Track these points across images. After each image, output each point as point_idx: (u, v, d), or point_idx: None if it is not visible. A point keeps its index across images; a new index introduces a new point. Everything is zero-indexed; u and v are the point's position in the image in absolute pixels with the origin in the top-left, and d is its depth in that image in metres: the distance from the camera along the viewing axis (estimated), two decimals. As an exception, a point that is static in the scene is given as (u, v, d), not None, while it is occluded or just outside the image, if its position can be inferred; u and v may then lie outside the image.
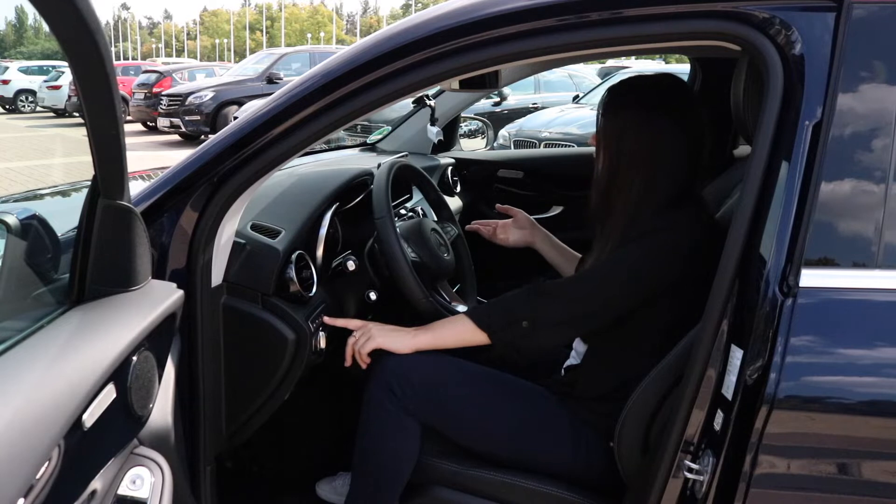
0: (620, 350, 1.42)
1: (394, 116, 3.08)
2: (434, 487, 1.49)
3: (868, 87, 1.04)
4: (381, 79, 1.20)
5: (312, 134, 1.24)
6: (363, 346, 1.47)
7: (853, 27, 1.03)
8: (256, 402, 1.47)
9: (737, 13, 1.09)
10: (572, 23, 1.14)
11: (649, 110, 1.38)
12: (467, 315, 1.45)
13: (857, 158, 1.03)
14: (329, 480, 1.81)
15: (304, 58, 12.71)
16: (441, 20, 1.18)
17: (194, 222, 1.27)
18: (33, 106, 19.37)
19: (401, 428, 1.46)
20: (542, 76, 10.55)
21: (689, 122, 1.38)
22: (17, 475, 0.65)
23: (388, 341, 1.46)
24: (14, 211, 0.99)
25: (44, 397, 0.72)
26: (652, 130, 1.38)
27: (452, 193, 2.67)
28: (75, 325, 0.89)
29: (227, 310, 1.38)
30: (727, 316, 1.09)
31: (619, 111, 1.41)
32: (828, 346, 1.05)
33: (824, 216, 1.03)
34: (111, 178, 0.91)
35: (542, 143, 7.57)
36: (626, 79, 1.46)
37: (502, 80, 1.82)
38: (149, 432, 1.04)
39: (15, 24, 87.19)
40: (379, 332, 1.47)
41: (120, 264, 0.96)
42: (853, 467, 1.07)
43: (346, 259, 1.70)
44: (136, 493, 0.99)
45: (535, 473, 1.44)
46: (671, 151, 1.38)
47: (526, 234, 1.87)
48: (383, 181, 1.68)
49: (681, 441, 1.14)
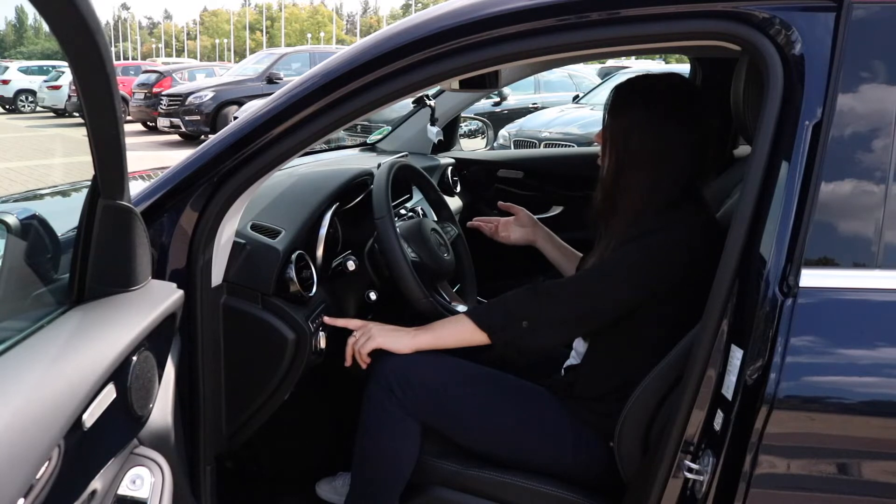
0: (620, 350, 1.42)
1: (394, 116, 3.09)
2: (434, 487, 1.49)
3: (868, 87, 1.04)
4: (381, 79, 1.20)
5: (312, 134, 1.24)
6: (363, 345, 1.47)
7: (853, 27, 1.03)
8: (256, 402, 1.47)
9: (737, 13, 1.09)
10: (572, 23, 1.14)
11: (655, 110, 1.38)
12: (467, 315, 1.45)
13: (856, 158, 1.03)
14: (329, 480, 1.81)
15: (304, 58, 12.71)
16: (441, 20, 1.18)
17: (194, 222, 1.27)
18: (33, 106, 19.37)
19: (401, 428, 1.46)
20: (542, 76, 10.54)
21: (694, 121, 1.38)
22: (17, 475, 0.65)
23: (388, 341, 1.46)
24: (14, 211, 0.99)
25: (44, 397, 0.72)
26: (658, 130, 1.37)
27: (452, 193, 2.67)
28: (75, 325, 0.89)
29: (227, 310, 1.38)
30: (727, 316, 1.09)
31: (625, 110, 1.41)
32: (828, 346, 1.05)
33: (824, 216, 1.03)
34: (111, 178, 0.91)
35: (542, 143, 7.56)
36: (632, 78, 1.45)
37: (502, 80, 1.82)
38: (149, 432, 1.04)
39: (15, 24, 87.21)
40: (379, 332, 1.47)
41: (120, 264, 0.96)
42: (853, 467, 1.07)
43: (346, 259, 1.70)
44: (136, 493, 0.99)
45: (535, 473, 1.44)
46: (677, 151, 1.38)
47: (528, 233, 1.87)
48: (383, 181, 1.68)
49: (681, 441, 1.14)
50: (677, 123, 1.37)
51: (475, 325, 1.42)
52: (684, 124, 1.37)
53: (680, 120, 1.37)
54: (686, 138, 1.37)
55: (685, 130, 1.37)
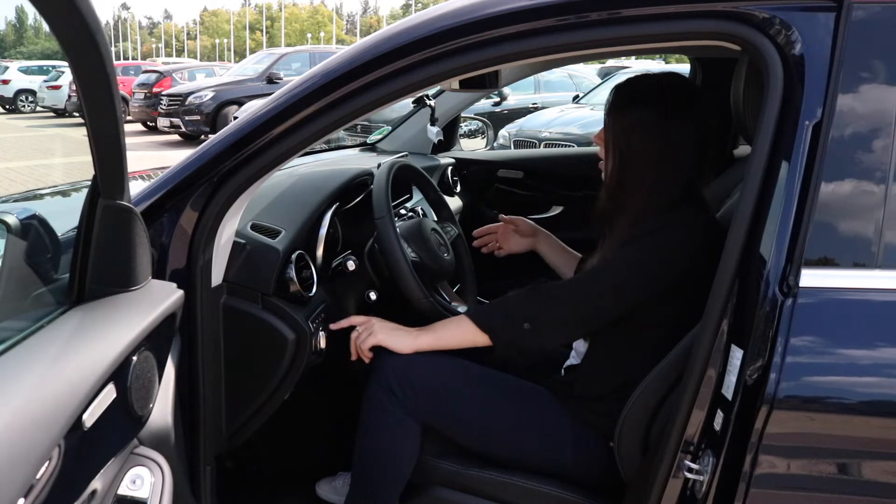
0: (621, 350, 1.42)
1: (394, 116, 3.08)
2: (434, 487, 1.49)
3: (868, 87, 1.04)
4: (381, 79, 1.20)
5: (312, 134, 1.24)
6: (364, 340, 1.47)
7: (853, 27, 1.03)
8: (256, 402, 1.47)
9: (737, 13, 1.09)
10: (572, 23, 1.14)
11: (657, 110, 1.37)
12: (468, 316, 1.45)
13: (857, 158, 1.03)
14: (329, 480, 1.81)
15: (304, 58, 12.71)
16: (441, 20, 1.18)
17: (194, 222, 1.27)
18: (33, 106, 19.38)
19: (401, 428, 1.46)
20: (542, 76, 10.54)
21: (695, 121, 1.38)
22: (17, 475, 0.65)
23: (389, 339, 1.47)
24: (14, 211, 0.99)
25: (44, 397, 0.72)
26: (659, 130, 1.37)
27: (452, 193, 2.67)
28: (75, 325, 0.89)
29: (227, 310, 1.38)
30: (727, 316, 1.09)
31: (626, 110, 1.40)
32: (828, 346, 1.05)
33: (824, 216, 1.03)
34: (111, 178, 0.91)
35: (542, 143, 7.56)
36: (632, 78, 1.45)
37: (502, 80, 1.82)
38: (149, 432, 1.04)
39: (15, 24, 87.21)
40: (381, 329, 1.48)
41: (120, 264, 0.96)
42: (853, 467, 1.07)
43: (346, 259, 1.70)
44: (136, 493, 0.99)
45: (535, 473, 1.44)
46: (678, 151, 1.37)
47: (529, 242, 1.86)
48: (383, 181, 1.68)
49: (681, 441, 1.14)
50: (678, 123, 1.37)
51: (476, 326, 1.42)
52: (685, 124, 1.37)
53: (681, 120, 1.37)
54: (687, 138, 1.37)
55: (686, 130, 1.37)
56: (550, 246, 1.85)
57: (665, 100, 1.39)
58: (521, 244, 1.87)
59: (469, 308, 1.52)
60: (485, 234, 1.92)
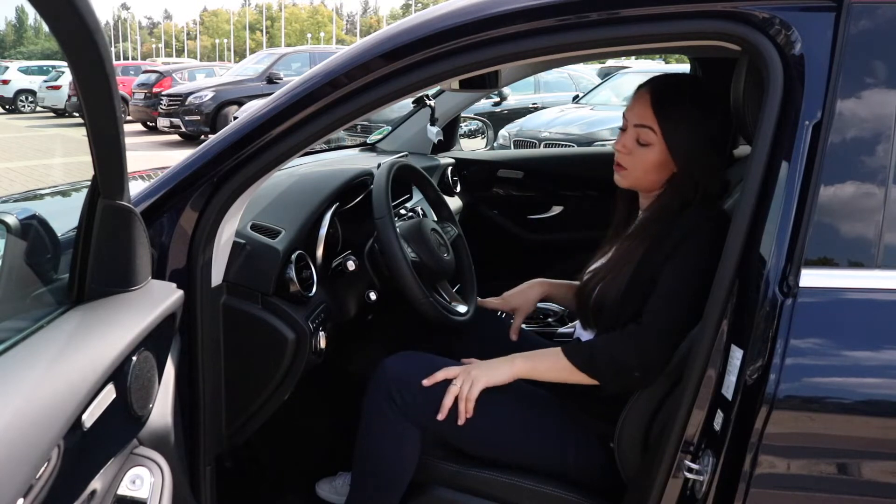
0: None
1: (394, 116, 3.08)
2: (435, 487, 1.49)
3: (868, 87, 1.04)
4: (381, 79, 1.20)
5: (312, 134, 1.24)
6: (470, 392, 1.40)
7: (853, 27, 1.03)
8: (256, 402, 1.47)
9: (737, 13, 1.09)
10: (572, 23, 1.14)
11: (703, 108, 1.39)
12: (566, 355, 1.39)
13: (856, 158, 1.03)
14: (329, 480, 1.81)
15: (304, 58, 12.70)
16: (441, 20, 1.18)
17: (194, 222, 1.27)
18: (33, 106, 19.37)
19: (401, 435, 1.45)
20: (542, 76, 10.54)
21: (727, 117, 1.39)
22: (16, 475, 0.65)
23: (490, 378, 1.40)
24: (14, 211, 0.99)
25: (44, 397, 0.72)
26: (703, 128, 1.38)
27: (452, 193, 2.67)
28: (75, 325, 0.89)
29: (227, 310, 1.38)
30: (727, 316, 1.09)
31: (673, 109, 1.39)
32: (828, 346, 1.05)
33: (824, 216, 1.03)
34: (111, 178, 0.91)
35: (542, 143, 7.56)
36: (672, 75, 1.46)
37: (502, 80, 1.83)
38: (149, 432, 1.04)
39: (15, 24, 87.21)
40: (480, 373, 1.41)
41: (120, 264, 0.96)
42: (853, 467, 1.07)
43: (346, 259, 1.70)
44: (135, 493, 0.99)
45: (535, 473, 1.44)
46: (715, 148, 1.40)
47: (534, 298, 1.75)
48: (383, 181, 1.68)
49: (681, 441, 1.14)
50: (718, 121, 1.39)
51: (573, 365, 1.37)
52: (722, 121, 1.39)
53: (721, 116, 1.39)
54: (720, 135, 1.40)
55: (722, 126, 1.39)
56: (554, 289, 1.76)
57: (707, 99, 1.40)
58: (533, 300, 1.76)
59: (568, 347, 1.45)
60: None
